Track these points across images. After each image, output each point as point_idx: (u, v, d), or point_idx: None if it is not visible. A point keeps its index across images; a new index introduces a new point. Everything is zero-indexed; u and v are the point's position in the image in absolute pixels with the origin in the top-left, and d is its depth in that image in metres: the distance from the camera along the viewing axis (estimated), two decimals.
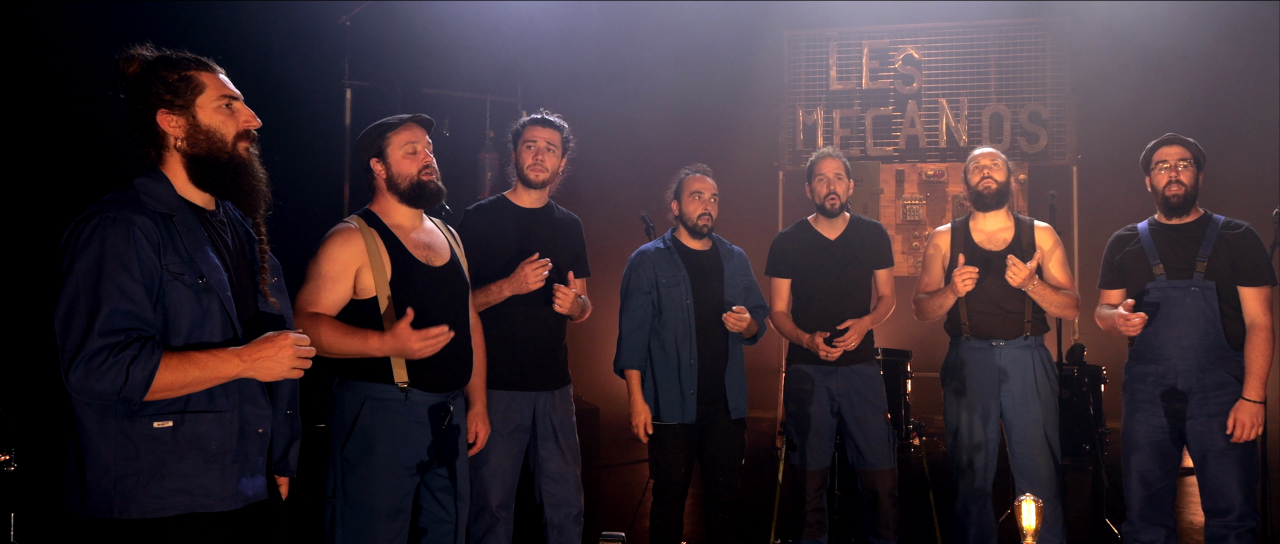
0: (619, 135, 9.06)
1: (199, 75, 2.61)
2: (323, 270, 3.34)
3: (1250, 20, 8.58)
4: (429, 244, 3.55)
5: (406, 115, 3.56)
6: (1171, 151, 4.25)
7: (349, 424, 3.38)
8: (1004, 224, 4.68)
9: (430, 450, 3.44)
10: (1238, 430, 3.97)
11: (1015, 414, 4.56)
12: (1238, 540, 4.07)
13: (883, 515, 4.77)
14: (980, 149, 4.76)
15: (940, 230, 4.86)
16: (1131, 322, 4.09)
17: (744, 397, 4.63)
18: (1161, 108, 7.67)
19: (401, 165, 3.47)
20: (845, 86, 9.95)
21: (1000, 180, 4.62)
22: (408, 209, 3.52)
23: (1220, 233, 4.19)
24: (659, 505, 4.55)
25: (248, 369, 2.50)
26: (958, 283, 4.43)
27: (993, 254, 4.58)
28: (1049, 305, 4.50)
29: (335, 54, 7.00)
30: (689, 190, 4.61)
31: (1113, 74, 8.92)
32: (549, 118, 4.31)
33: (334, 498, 3.39)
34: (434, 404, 3.45)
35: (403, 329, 3.18)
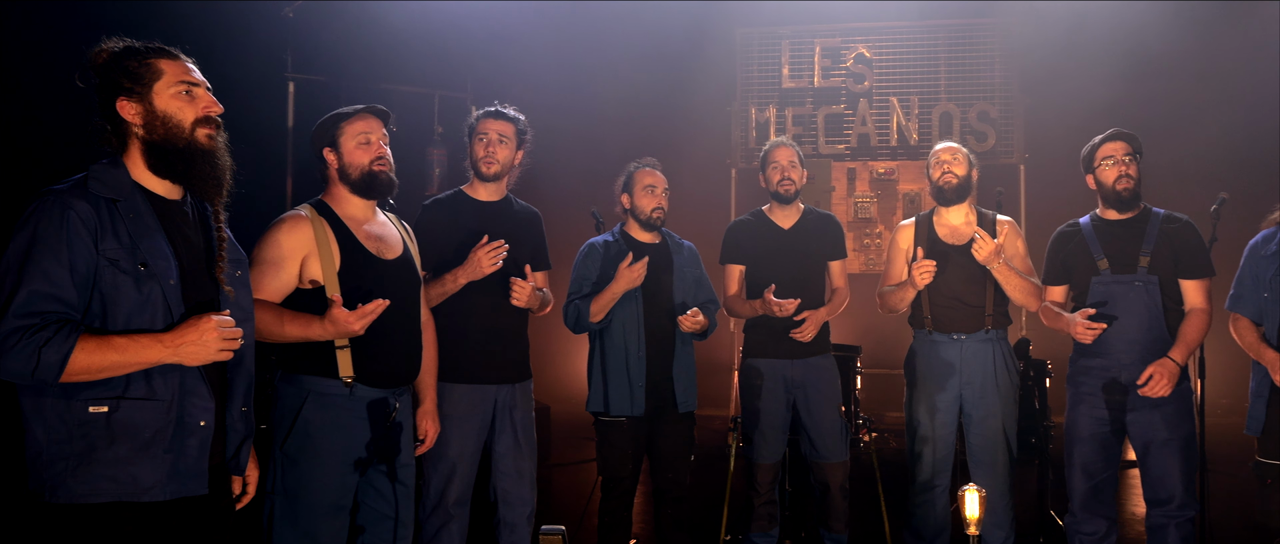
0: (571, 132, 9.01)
1: (158, 62, 2.61)
2: (265, 256, 3.29)
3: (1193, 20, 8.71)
4: (381, 236, 3.51)
5: (362, 105, 3.52)
6: (1118, 146, 4.28)
7: (290, 419, 3.32)
8: (967, 218, 4.71)
9: (373, 447, 3.39)
10: (1150, 384, 4.00)
11: (974, 407, 4.59)
12: (1177, 530, 4.13)
13: (834, 508, 4.79)
14: (942, 143, 4.79)
15: (904, 224, 4.89)
16: (1093, 329, 4.12)
17: (693, 390, 4.61)
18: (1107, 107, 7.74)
19: (354, 155, 3.43)
20: (797, 84, 9.99)
21: (960, 175, 4.65)
22: (360, 200, 3.48)
23: (1161, 227, 4.23)
24: (607, 502, 4.52)
25: (172, 354, 2.48)
26: (915, 276, 4.46)
27: (954, 248, 4.61)
28: (1012, 289, 4.52)
29: (277, 47, 6.90)
30: (641, 184, 4.59)
31: (1060, 74, 9.02)
32: (503, 110, 4.28)
33: (273, 493, 3.33)
34: (377, 400, 3.40)
35: (338, 312, 3.13)
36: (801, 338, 4.67)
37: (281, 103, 6.93)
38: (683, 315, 4.44)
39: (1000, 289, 4.57)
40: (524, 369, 4.30)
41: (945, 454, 4.61)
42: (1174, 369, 4.01)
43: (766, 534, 4.85)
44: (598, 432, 4.54)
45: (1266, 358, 3.85)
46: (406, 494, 3.51)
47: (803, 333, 4.66)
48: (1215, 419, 7.25)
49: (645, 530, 5.72)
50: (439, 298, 4.03)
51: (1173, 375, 4.00)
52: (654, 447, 4.58)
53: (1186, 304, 4.19)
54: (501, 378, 4.18)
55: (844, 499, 4.81)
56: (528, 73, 8.52)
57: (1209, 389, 4.93)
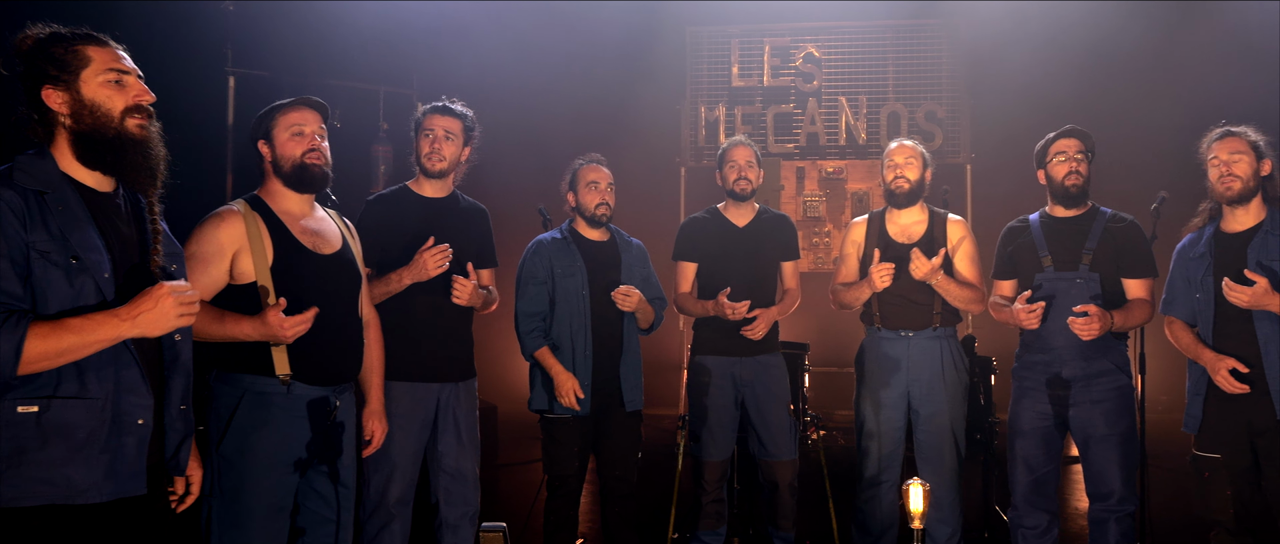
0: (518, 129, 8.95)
1: (86, 49, 2.53)
2: (192, 251, 3.20)
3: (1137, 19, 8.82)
4: (318, 231, 3.44)
5: (297, 97, 3.45)
6: (1070, 143, 4.33)
7: (226, 419, 3.24)
8: (918, 218, 4.73)
9: (312, 447, 3.32)
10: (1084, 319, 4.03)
11: (922, 404, 4.61)
12: (1118, 524, 4.18)
13: (782, 506, 4.80)
14: (895, 142, 4.81)
15: (857, 222, 4.90)
16: (1033, 313, 4.15)
17: (639, 389, 4.59)
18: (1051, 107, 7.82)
19: (286, 147, 3.36)
20: (747, 83, 10.00)
21: (913, 179, 4.66)
22: (296, 195, 3.41)
23: (1106, 226, 4.29)
24: (552, 501, 4.49)
25: (130, 326, 2.40)
26: (875, 279, 4.46)
27: (906, 247, 4.62)
28: (954, 300, 4.56)
29: (217, 41, 6.79)
30: (585, 180, 4.57)
31: (1005, 75, 9.10)
32: (450, 106, 4.25)
33: (211, 496, 3.24)
34: (316, 398, 3.33)
35: (273, 315, 3.08)
36: (752, 336, 4.66)
37: (222, 98, 6.82)
38: (615, 290, 4.42)
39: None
40: (468, 368, 4.26)
41: (893, 450, 4.63)
42: (1108, 321, 4.06)
43: (714, 532, 4.84)
44: (543, 430, 4.51)
45: (1204, 357, 3.90)
46: (347, 495, 3.45)
47: (753, 330, 4.66)
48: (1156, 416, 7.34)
49: (593, 529, 5.69)
50: (383, 296, 3.98)
51: (1104, 325, 4.04)
52: (600, 445, 4.56)
53: (1129, 298, 4.24)
54: (444, 376, 4.15)
55: (792, 497, 4.82)
56: (475, 69, 8.44)
57: (1150, 386, 4.99)
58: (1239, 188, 3.84)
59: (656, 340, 4.72)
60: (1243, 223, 3.91)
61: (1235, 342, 3.84)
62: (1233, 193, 3.85)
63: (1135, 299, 4.24)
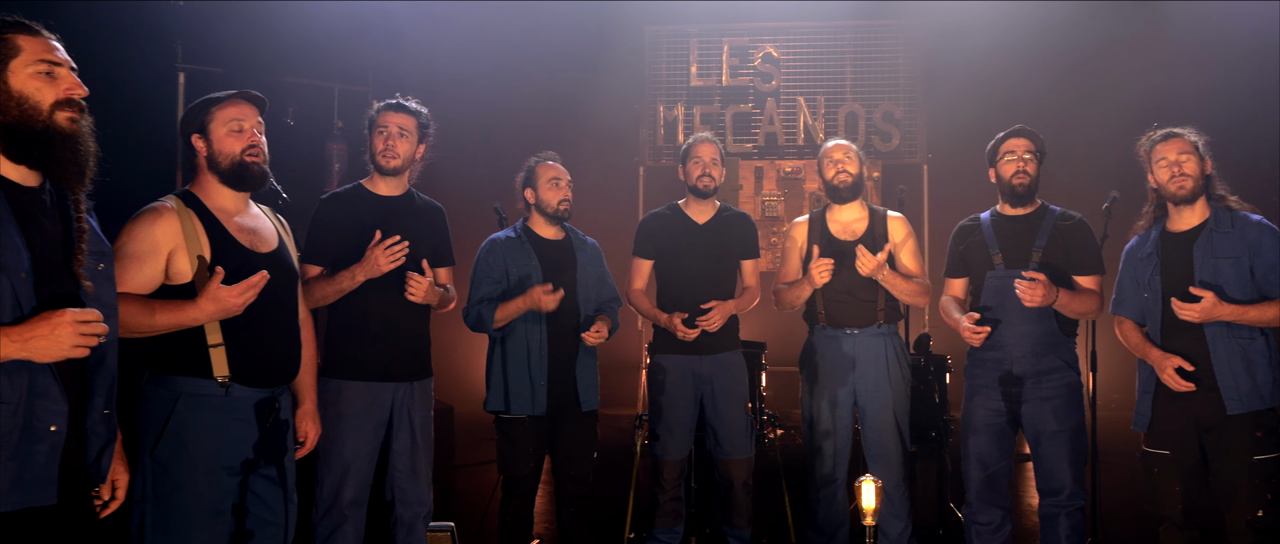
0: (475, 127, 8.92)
1: (15, 38, 2.43)
2: (126, 250, 3.09)
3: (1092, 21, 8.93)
4: (254, 229, 3.35)
5: (234, 91, 3.35)
6: (1019, 143, 4.37)
7: (160, 423, 3.13)
8: (859, 215, 4.75)
9: (255, 449, 3.24)
10: (1029, 284, 4.07)
11: (868, 400, 4.62)
12: (1068, 519, 4.22)
13: (737, 505, 4.80)
14: (832, 141, 4.82)
15: (798, 222, 4.91)
16: (979, 333, 4.20)
17: (595, 388, 4.58)
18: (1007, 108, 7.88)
19: (224, 142, 3.25)
20: (705, 83, 10.01)
21: (854, 173, 4.69)
22: (231, 192, 3.30)
23: (1055, 224, 4.34)
24: (507, 501, 4.46)
25: (20, 349, 2.30)
26: (814, 275, 4.47)
27: (848, 244, 4.64)
28: (900, 293, 4.58)
29: (166, 35, 6.69)
30: (546, 177, 4.54)
31: (962, 76, 9.17)
32: (404, 103, 4.20)
33: (142, 502, 3.12)
34: (259, 399, 3.26)
35: (215, 287, 2.98)
36: (707, 327, 4.65)
37: (171, 94, 6.71)
38: (587, 332, 4.42)
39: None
40: (424, 367, 4.23)
41: (842, 448, 4.65)
42: (1054, 294, 4.10)
43: (671, 531, 4.83)
44: (498, 430, 4.47)
45: (1152, 356, 3.94)
46: (290, 497, 3.37)
47: (708, 321, 4.64)
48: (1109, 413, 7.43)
49: (549, 530, 5.66)
50: (336, 294, 3.93)
51: (1049, 296, 4.08)
52: (556, 445, 4.54)
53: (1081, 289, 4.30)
54: (400, 375, 4.10)
55: (747, 496, 4.81)
56: (432, 67, 8.39)
57: (1102, 384, 5.05)
58: (1191, 187, 3.88)
59: (613, 340, 4.69)
60: (1188, 222, 3.94)
61: (1183, 340, 3.87)
62: (1186, 192, 3.88)
63: (1084, 291, 4.29)
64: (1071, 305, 4.21)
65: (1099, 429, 4.68)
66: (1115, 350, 4.67)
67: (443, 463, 7.24)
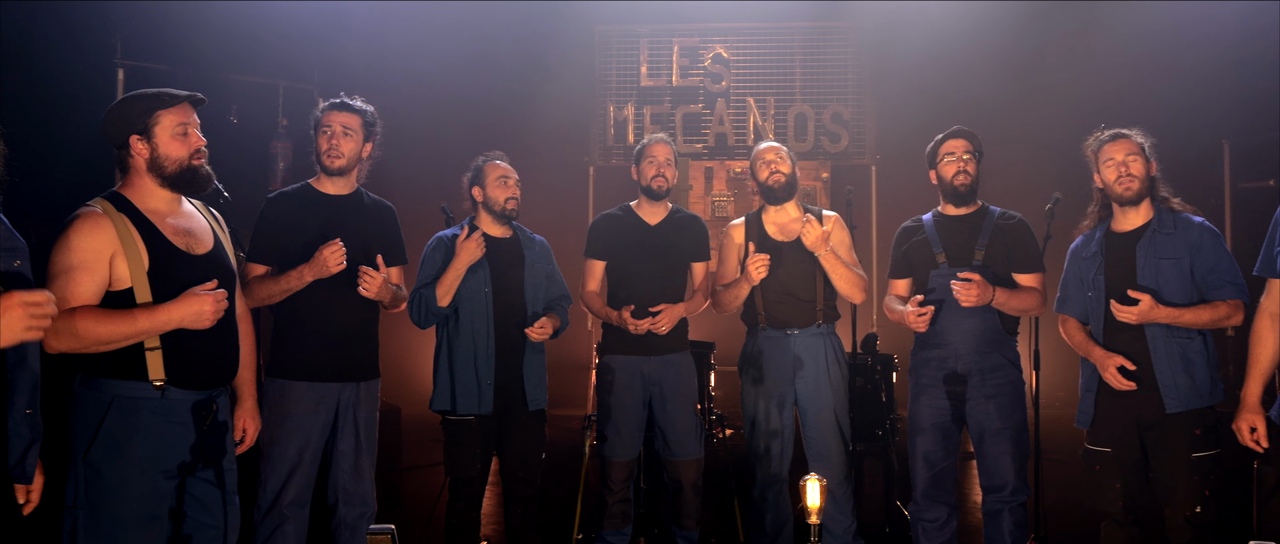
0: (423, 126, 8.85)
1: None
2: (72, 261, 3.00)
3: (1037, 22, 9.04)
4: (189, 230, 3.27)
5: (181, 93, 3.26)
6: (958, 144, 4.42)
7: (93, 426, 3.06)
8: (795, 215, 4.76)
9: (192, 451, 3.17)
10: (960, 286, 4.13)
11: (809, 400, 4.64)
12: (1011, 514, 4.27)
13: (686, 506, 4.79)
14: (763, 143, 4.85)
15: (735, 224, 4.92)
16: (923, 316, 4.23)
17: (543, 388, 4.56)
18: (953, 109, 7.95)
19: (170, 147, 3.18)
20: (656, 83, 10.02)
21: (787, 173, 4.71)
22: (165, 193, 3.22)
23: (996, 223, 4.39)
24: (454, 503, 4.43)
25: None
26: (751, 271, 4.48)
27: (785, 245, 4.65)
28: (839, 278, 4.58)
29: (104, 31, 6.56)
30: (495, 176, 4.53)
31: (909, 77, 9.25)
32: (349, 102, 4.16)
33: (75, 507, 3.04)
34: (197, 402, 3.20)
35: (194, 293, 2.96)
36: (657, 330, 4.65)
37: (110, 91, 6.58)
38: (530, 327, 4.39)
39: (830, 284, 4.63)
40: (371, 368, 4.19)
41: (784, 448, 4.66)
42: (990, 293, 4.17)
43: (620, 533, 4.81)
44: (445, 431, 4.45)
45: (1095, 355, 3.99)
46: (230, 500, 3.33)
47: (657, 324, 4.64)
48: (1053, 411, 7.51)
49: (497, 532, 5.63)
50: (282, 294, 3.91)
51: (982, 296, 4.14)
52: (503, 446, 4.51)
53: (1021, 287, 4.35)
54: (346, 376, 4.07)
55: (696, 496, 4.81)
56: (379, 65, 8.31)
57: (1046, 382, 5.10)
58: (1138, 188, 3.92)
59: (562, 340, 4.68)
60: (1132, 223, 4.00)
61: (1125, 339, 3.92)
62: (1132, 192, 3.93)
63: (1025, 288, 4.34)
64: (1011, 303, 4.26)
65: (1041, 426, 4.72)
66: (1057, 349, 4.72)
67: (389, 465, 7.19)
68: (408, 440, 7.82)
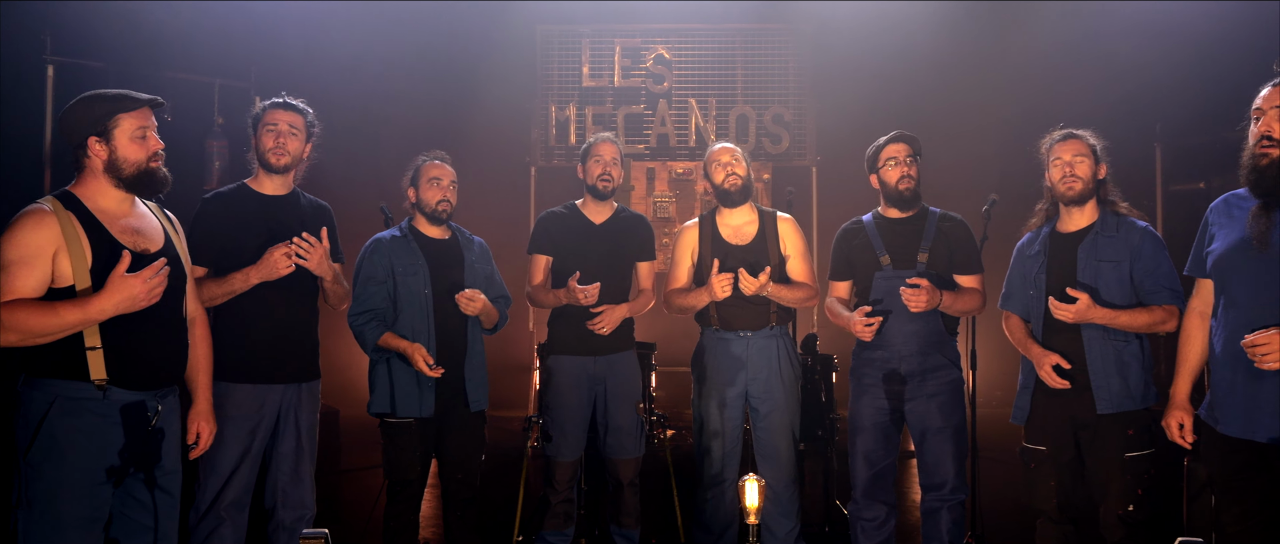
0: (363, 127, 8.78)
1: None
2: (12, 257, 3.02)
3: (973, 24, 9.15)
4: (139, 229, 3.28)
5: (143, 97, 3.30)
6: (900, 148, 4.45)
7: (34, 426, 3.07)
8: (749, 218, 4.77)
9: (134, 452, 3.16)
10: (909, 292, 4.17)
11: (760, 401, 4.66)
12: (949, 512, 4.32)
13: (626, 504, 4.81)
14: (719, 144, 4.84)
15: (688, 225, 4.91)
16: (870, 326, 4.27)
17: (484, 389, 4.54)
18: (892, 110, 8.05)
19: (129, 149, 3.21)
20: (597, 84, 10.00)
21: (743, 175, 4.71)
22: (118, 193, 3.25)
23: (938, 225, 4.43)
24: (393, 506, 4.40)
25: None
26: (715, 289, 4.46)
27: (739, 248, 4.67)
28: (788, 303, 4.63)
29: (34, 26, 6.41)
30: (427, 176, 4.50)
31: (849, 79, 9.33)
32: (292, 101, 4.16)
33: (18, 507, 3.07)
34: (135, 403, 3.17)
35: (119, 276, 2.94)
36: (598, 331, 4.65)
37: (39, 88, 6.44)
38: (459, 293, 4.36)
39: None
40: (312, 369, 4.18)
41: (732, 448, 4.68)
42: (937, 297, 4.21)
43: (561, 533, 4.80)
44: (383, 434, 4.42)
45: (1033, 353, 4.04)
46: (169, 503, 3.30)
47: (598, 325, 4.64)
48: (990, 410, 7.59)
49: (437, 534, 5.59)
50: (227, 296, 3.89)
51: (933, 299, 4.19)
52: (443, 448, 4.49)
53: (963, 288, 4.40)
54: (288, 378, 4.06)
55: (635, 496, 4.83)
56: (317, 64, 8.19)
57: (985, 382, 5.16)
58: (1080, 189, 3.97)
59: (504, 341, 4.66)
60: (1076, 223, 4.04)
61: (1062, 338, 3.98)
62: (1073, 193, 3.98)
63: (967, 288, 4.39)
64: (955, 305, 4.31)
65: (978, 426, 4.79)
66: (995, 349, 4.78)
67: (329, 467, 7.10)
68: (347, 443, 7.74)
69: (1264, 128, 3.28)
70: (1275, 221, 3.28)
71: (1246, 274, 3.33)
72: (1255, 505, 3.31)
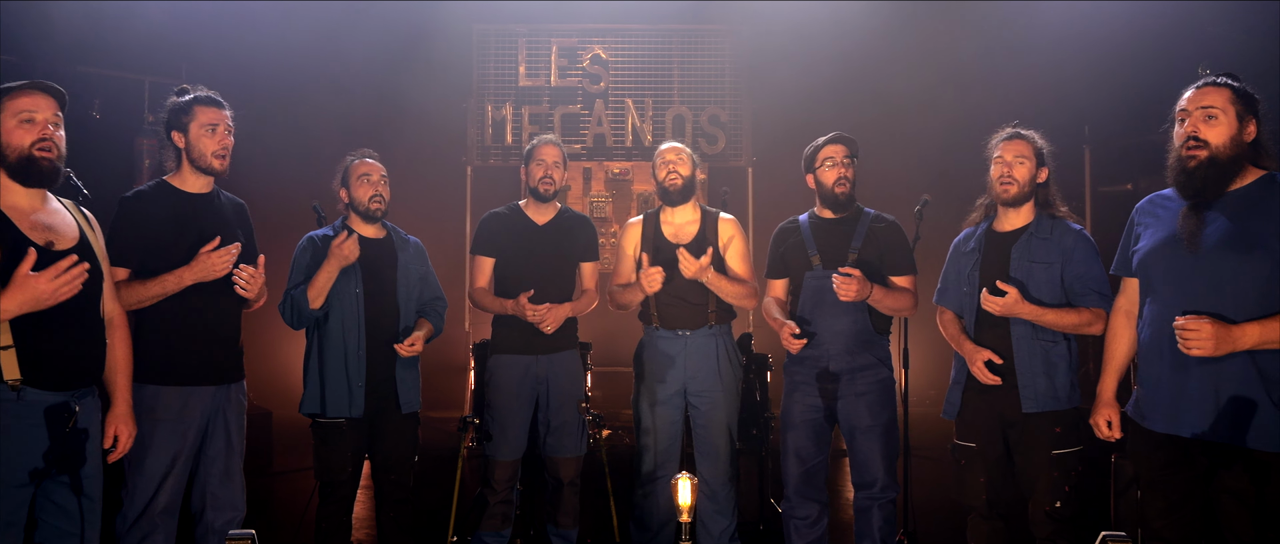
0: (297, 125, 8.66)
1: None
2: None
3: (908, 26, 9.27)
4: (50, 225, 3.19)
5: (28, 81, 3.17)
6: (837, 150, 4.48)
7: None
8: (691, 217, 4.80)
9: (51, 455, 3.07)
10: (844, 280, 4.20)
11: (699, 399, 4.69)
12: (881, 510, 4.37)
13: (564, 504, 4.81)
14: (666, 144, 4.86)
15: (632, 223, 4.94)
16: (797, 343, 4.32)
17: (417, 390, 4.51)
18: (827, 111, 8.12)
19: (13, 135, 3.10)
20: (534, 83, 9.98)
21: (686, 175, 4.74)
22: (24, 188, 3.15)
23: (870, 226, 4.48)
24: (324, 507, 4.36)
25: None
26: (644, 284, 4.49)
27: (679, 247, 4.68)
28: (725, 296, 4.64)
29: None
30: (357, 174, 4.47)
31: (784, 80, 9.38)
32: (216, 97, 4.03)
33: None
34: (57, 403, 3.09)
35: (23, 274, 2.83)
36: (542, 328, 4.64)
37: None
38: (400, 344, 4.35)
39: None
40: (237, 369, 4.09)
41: (669, 446, 4.70)
42: (868, 289, 4.24)
43: (498, 534, 4.79)
44: (314, 435, 4.37)
45: (965, 349, 4.08)
46: (92, 508, 3.21)
47: (543, 324, 4.63)
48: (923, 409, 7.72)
49: (370, 535, 5.54)
50: (158, 297, 3.77)
51: (861, 292, 4.21)
52: (375, 448, 4.46)
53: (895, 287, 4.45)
54: (215, 378, 3.96)
55: (574, 495, 4.83)
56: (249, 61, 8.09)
57: (917, 380, 5.23)
58: (1015, 192, 4.02)
59: (439, 341, 4.62)
60: (1013, 223, 4.09)
61: (993, 335, 4.02)
62: (1008, 195, 4.03)
63: (898, 289, 4.44)
64: (885, 302, 4.36)
65: (910, 424, 4.85)
66: (927, 348, 4.85)
67: (262, 468, 7.01)
68: (280, 444, 7.64)
69: (1189, 129, 3.34)
70: (1206, 221, 3.33)
71: (1172, 272, 3.38)
72: (1179, 500, 3.38)
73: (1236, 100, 3.32)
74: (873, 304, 4.35)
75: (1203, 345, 3.17)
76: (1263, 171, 3.33)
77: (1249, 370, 3.21)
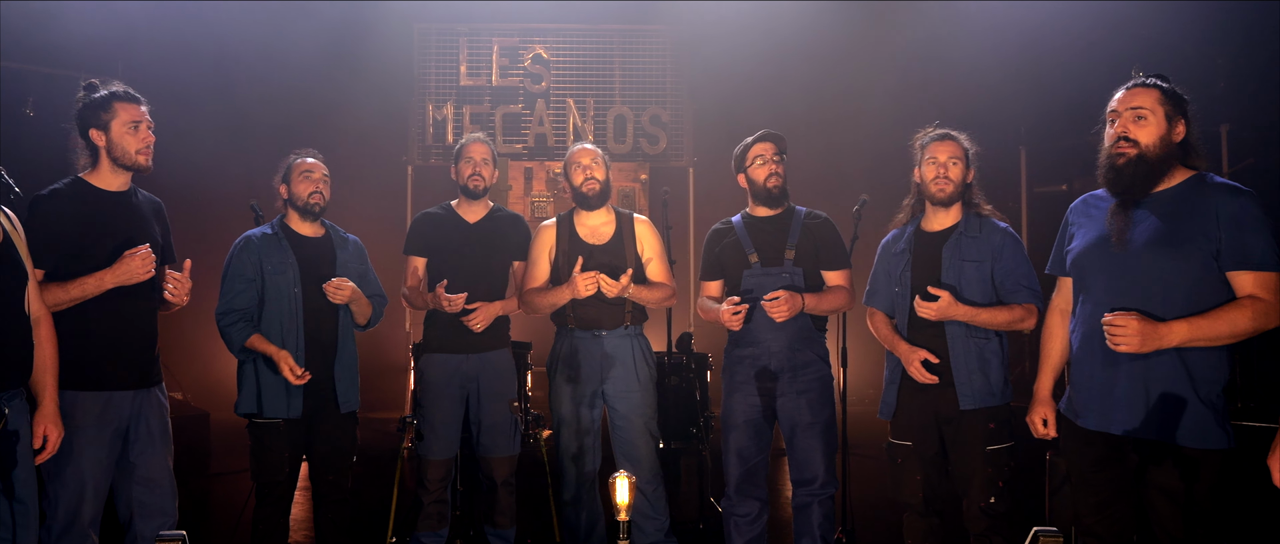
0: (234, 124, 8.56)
1: None
2: None
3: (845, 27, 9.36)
4: None
5: None
6: (767, 147, 4.51)
7: None
8: (606, 219, 4.81)
9: None
10: (775, 302, 4.25)
11: (618, 400, 4.70)
12: (820, 507, 4.40)
13: (500, 504, 4.80)
14: (578, 145, 4.85)
15: (546, 225, 4.91)
16: (738, 314, 4.32)
17: (355, 389, 4.48)
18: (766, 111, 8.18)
19: None
20: (475, 83, 9.96)
21: (603, 179, 4.75)
22: None
23: (804, 223, 4.51)
24: (261, 508, 4.32)
25: None
26: (578, 287, 4.48)
27: (597, 247, 4.70)
28: (649, 304, 4.70)
29: None
30: (298, 171, 4.44)
31: (724, 80, 9.46)
32: (134, 92, 3.91)
33: None
34: None
35: None
36: (471, 327, 4.63)
37: None
38: (327, 282, 4.32)
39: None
40: (155, 371, 3.96)
41: (592, 447, 4.71)
42: (798, 302, 4.28)
43: (435, 534, 4.77)
44: (251, 435, 4.32)
45: (900, 349, 4.12)
46: (25, 512, 3.13)
47: (472, 322, 4.62)
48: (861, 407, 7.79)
49: (309, 537, 5.49)
50: (74, 301, 3.64)
51: (794, 306, 4.26)
52: (313, 448, 4.42)
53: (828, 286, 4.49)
54: (134, 382, 3.83)
55: (510, 495, 4.82)
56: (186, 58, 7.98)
57: (855, 378, 5.28)
58: (950, 191, 4.06)
59: (379, 342, 4.61)
60: (942, 223, 4.14)
61: (927, 334, 4.06)
62: (945, 195, 4.06)
63: (832, 286, 4.49)
64: (821, 306, 4.40)
65: (850, 422, 4.90)
66: (865, 345, 4.90)
67: (198, 471, 6.91)
68: (217, 446, 7.53)
69: (1120, 129, 3.40)
70: (1133, 219, 3.38)
71: (1104, 270, 3.43)
72: (1110, 496, 3.43)
73: (1165, 101, 3.38)
74: (809, 312, 4.38)
75: (1130, 341, 3.21)
76: (1192, 171, 3.38)
77: (1177, 368, 3.26)
